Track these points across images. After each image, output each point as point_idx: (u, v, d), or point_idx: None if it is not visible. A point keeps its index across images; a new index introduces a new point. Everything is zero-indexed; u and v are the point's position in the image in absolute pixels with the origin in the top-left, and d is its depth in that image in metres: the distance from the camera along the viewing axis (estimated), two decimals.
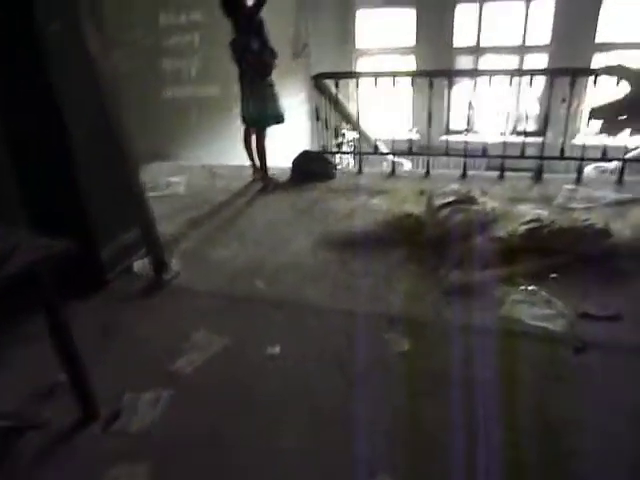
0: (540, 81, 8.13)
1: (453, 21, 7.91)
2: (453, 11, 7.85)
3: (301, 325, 2.19)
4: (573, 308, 2.16)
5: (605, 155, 3.65)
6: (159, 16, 4.95)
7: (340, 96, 4.14)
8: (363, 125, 5.16)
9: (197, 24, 5.20)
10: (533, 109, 8.19)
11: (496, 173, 3.85)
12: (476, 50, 8.09)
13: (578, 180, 3.60)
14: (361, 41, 8.48)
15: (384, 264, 2.63)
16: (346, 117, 4.85)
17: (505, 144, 3.79)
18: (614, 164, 5.79)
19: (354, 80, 3.95)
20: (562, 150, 3.74)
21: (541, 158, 3.69)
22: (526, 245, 2.63)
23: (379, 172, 4.26)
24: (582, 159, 3.62)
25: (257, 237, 3.04)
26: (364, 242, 2.87)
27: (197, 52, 5.22)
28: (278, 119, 3.68)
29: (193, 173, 4.34)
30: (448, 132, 8.47)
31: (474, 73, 4.32)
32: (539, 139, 8.32)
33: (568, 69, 4.03)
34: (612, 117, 1.96)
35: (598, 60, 7.63)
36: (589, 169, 4.51)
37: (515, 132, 8.92)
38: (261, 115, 3.61)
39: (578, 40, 7.59)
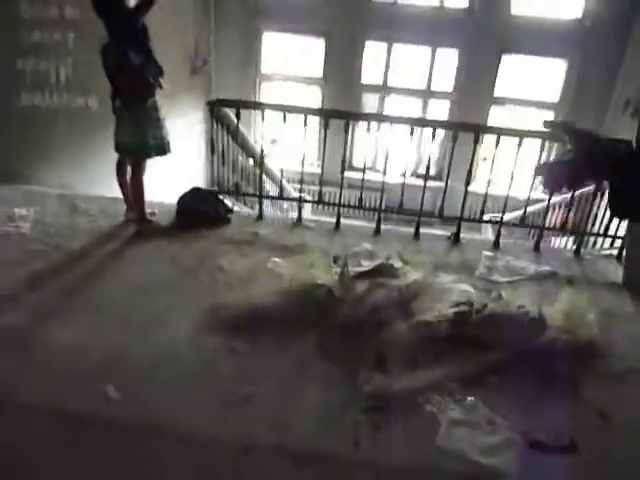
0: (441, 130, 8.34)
1: (362, 57, 7.76)
2: (363, 47, 7.70)
3: (163, 469, 1.50)
4: (520, 432, 1.73)
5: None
6: (20, 4, 3.99)
7: (241, 126, 3.54)
8: (267, 160, 4.61)
9: (72, 21, 4.29)
10: (434, 153, 8.29)
11: (410, 231, 3.47)
12: (383, 89, 8.01)
13: (496, 245, 3.34)
14: (266, 65, 7.99)
15: (288, 358, 2.03)
16: (248, 151, 4.24)
17: (404, 185, 3.45)
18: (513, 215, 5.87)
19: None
20: (482, 212, 3.48)
21: (461, 219, 3.39)
22: (455, 334, 2.20)
23: (283, 219, 3.69)
24: (500, 222, 3.38)
25: (119, 311, 2.27)
26: (262, 321, 2.25)
27: (70, 54, 4.29)
28: (160, 150, 2.96)
29: (47, 204, 3.41)
30: (350, 168, 8.28)
31: (378, 117, 3.96)
32: (440, 183, 8.51)
33: (471, 125, 3.86)
34: (557, 177, 1.63)
35: (495, 112, 7.94)
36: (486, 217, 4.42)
37: (416, 174, 9.09)
38: (139, 144, 2.86)
39: (478, 91, 7.82)
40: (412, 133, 3.38)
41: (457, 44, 7.61)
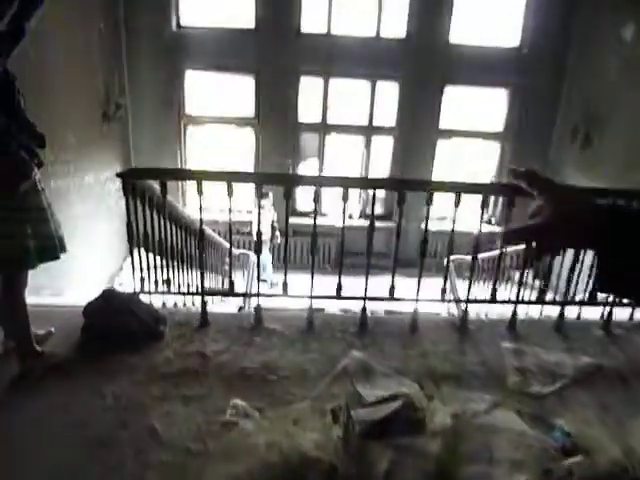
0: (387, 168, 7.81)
1: (297, 94, 7.08)
2: (297, 83, 7.03)
3: None
4: None
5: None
6: None
7: (170, 198, 2.63)
8: (211, 235, 3.73)
9: None
10: (381, 194, 7.74)
11: (401, 318, 2.70)
12: (322, 127, 7.36)
13: (513, 327, 2.65)
14: (192, 107, 7.09)
15: None
16: (183, 225, 3.29)
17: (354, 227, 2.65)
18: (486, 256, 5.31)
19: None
20: (449, 253, 2.76)
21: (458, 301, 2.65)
22: None
23: (235, 318, 2.78)
24: (517, 302, 2.69)
25: None
26: None
27: None
28: (48, 253, 1.98)
29: None
30: (295, 214, 7.51)
31: (317, 180, 3.12)
32: (389, 223, 7.93)
33: (409, 182, 3.23)
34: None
35: (441, 145, 7.53)
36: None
37: (363, 215, 8.48)
38: (13, 250, 1.88)
39: (422, 125, 7.37)
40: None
41: (397, 76, 7.15)
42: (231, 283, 2.64)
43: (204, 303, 2.54)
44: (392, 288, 2.64)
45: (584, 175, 6.47)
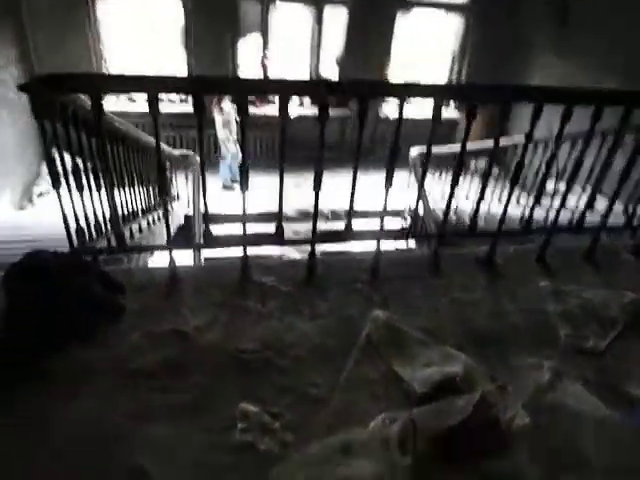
0: None
1: None
2: None
3: None
4: None
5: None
6: None
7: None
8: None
9: None
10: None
11: (424, 259, 2.24)
12: None
13: (540, 260, 2.28)
14: None
15: None
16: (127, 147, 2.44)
17: None
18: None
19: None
20: None
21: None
22: None
23: (213, 270, 2.20)
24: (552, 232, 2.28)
25: None
26: None
27: None
28: None
29: None
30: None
31: (269, 86, 2.34)
32: (345, 111, 7.16)
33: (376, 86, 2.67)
34: None
35: (401, 21, 6.61)
36: None
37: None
38: None
39: None
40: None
41: None
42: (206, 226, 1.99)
43: (172, 258, 1.92)
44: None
45: (562, 61, 5.95)
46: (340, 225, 2.16)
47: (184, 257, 4.15)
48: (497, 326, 1.88)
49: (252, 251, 2.06)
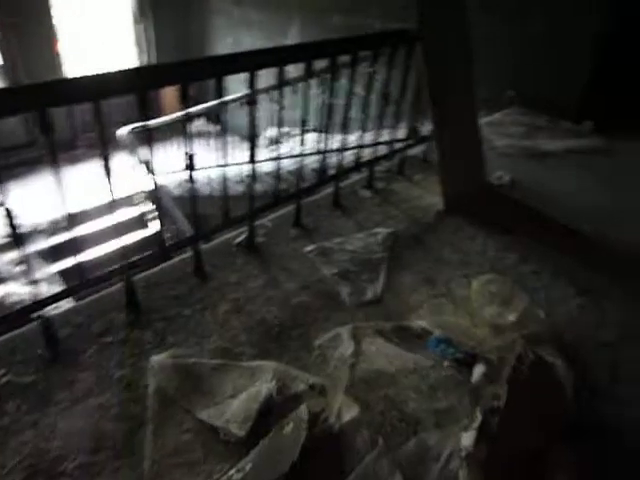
0: None
1: None
2: None
3: None
4: None
5: None
6: None
7: None
8: None
9: None
10: None
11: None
12: None
13: (298, 222, 2.22)
14: None
15: None
16: None
17: None
18: None
19: None
20: None
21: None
22: None
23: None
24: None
25: None
26: None
27: None
28: None
29: None
30: None
31: None
32: None
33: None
34: None
35: None
36: None
37: None
38: None
39: None
40: None
41: None
42: None
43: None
44: None
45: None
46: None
47: None
48: (288, 313, 1.73)
49: None
